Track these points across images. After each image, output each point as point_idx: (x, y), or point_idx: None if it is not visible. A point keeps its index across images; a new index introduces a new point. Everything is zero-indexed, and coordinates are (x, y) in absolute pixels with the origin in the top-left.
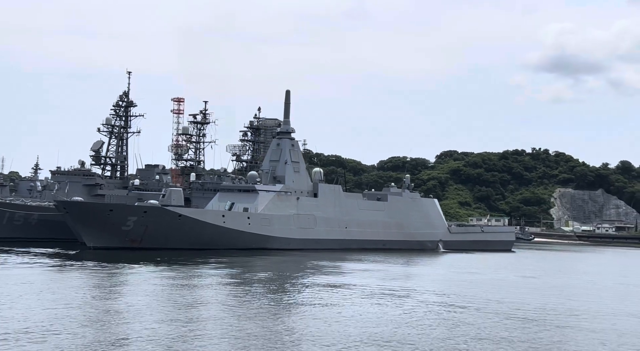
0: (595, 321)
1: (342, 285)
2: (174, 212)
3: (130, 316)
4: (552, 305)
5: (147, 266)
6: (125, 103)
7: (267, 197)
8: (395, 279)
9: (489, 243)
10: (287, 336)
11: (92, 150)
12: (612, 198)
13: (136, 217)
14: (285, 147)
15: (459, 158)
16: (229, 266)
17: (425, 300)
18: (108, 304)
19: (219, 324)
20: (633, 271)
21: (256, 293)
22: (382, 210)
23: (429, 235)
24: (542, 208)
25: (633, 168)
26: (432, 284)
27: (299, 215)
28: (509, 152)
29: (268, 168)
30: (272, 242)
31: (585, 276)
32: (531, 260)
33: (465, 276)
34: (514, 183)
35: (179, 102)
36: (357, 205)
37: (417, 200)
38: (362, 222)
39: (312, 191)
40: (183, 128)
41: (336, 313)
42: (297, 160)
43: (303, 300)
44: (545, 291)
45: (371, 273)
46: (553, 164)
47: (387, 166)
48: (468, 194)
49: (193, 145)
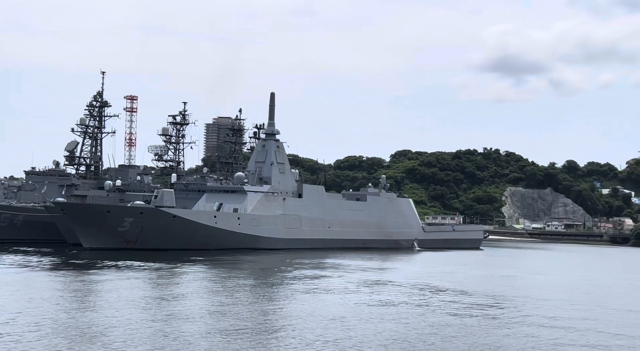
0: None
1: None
2: (169, 213)
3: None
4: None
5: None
6: (100, 103)
7: (255, 198)
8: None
9: (460, 242)
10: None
11: (67, 150)
12: (560, 197)
13: (132, 218)
14: (271, 148)
15: (414, 158)
16: (247, 268)
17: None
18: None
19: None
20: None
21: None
22: (361, 210)
23: (405, 234)
24: (494, 207)
25: (578, 168)
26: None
27: (285, 216)
28: (461, 152)
29: (254, 170)
30: (260, 241)
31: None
32: (510, 259)
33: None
34: (466, 182)
35: (132, 100)
36: (338, 205)
37: (393, 200)
38: (344, 222)
39: (297, 192)
40: (163, 129)
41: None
42: (282, 161)
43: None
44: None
45: (368, 274)
46: (504, 163)
47: (343, 165)
48: (423, 193)
49: (172, 146)
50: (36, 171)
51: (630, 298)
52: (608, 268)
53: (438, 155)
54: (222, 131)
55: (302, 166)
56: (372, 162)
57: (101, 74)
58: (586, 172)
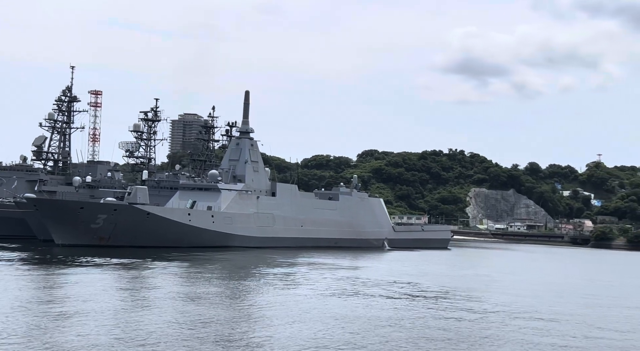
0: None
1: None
2: (143, 210)
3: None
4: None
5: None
6: (68, 98)
7: (229, 196)
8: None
9: (429, 241)
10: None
11: (34, 145)
12: (523, 198)
13: (106, 214)
14: (245, 146)
15: (380, 158)
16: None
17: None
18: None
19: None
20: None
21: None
22: (334, 209)
23: (376, 234)
24: (458, 207)
25: (540, 170)
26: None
27: (258, 214)
28: (427, 153)
29: (227, 167)
30: (234, 240)
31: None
32: (480, 259)
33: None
34: (432, 182)
35: (96, 95)
36: (311, 204)
37: (365, 199)
38: (316, 221)
39: (271, 190)
40: (134, 126)
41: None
42: (256, 159)
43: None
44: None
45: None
46: (468, 165)
47: (311, 164)
48: (389, 193)
49: (144, 143)
50: (3, 166)
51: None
52: (571, 269)
53: (404, 155)
54: (188, 128)
55: (269, 164)
56: (340, 161)
57: (70, 68)
58: (548, 174)
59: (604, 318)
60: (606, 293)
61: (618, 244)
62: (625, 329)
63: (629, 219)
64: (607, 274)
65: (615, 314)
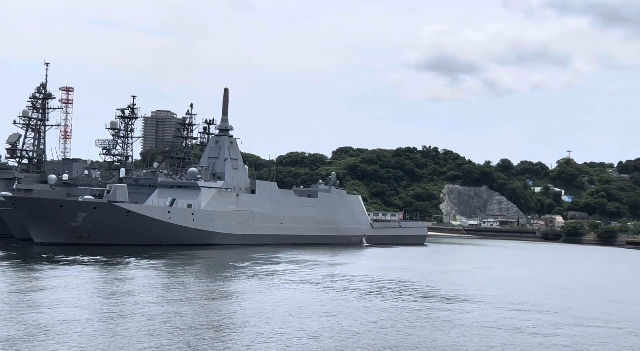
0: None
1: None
2: (123, 208)
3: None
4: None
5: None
6: (43, 95)
7: (209, 194)
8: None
9: (406, 238)
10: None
11: (8, 142)
12: (495, 194)
13: (86, 212)
14: (224, 144)
15: (355, 155)
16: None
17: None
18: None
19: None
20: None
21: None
22: (313, 207)
23: (354, 230)
24: (432, 203)
25: (512, 166)
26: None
27: (238, 211)
28: (401, 149)
29: (207, 165)
30: (214, 237)
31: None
32: (460, 253)
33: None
34: (406, 179)
35: (67, 92)
36: (290, 201)
37: (344, 196)
38: (296, 218)
39: (250, 188)
40: (111, 123)
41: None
42: (235, 157)
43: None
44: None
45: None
46: (442, 161)
47: (286, 161)
48: (364, 189)
49: (121, 140)
50: None
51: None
52: (545, 264)
53: (379, 152)
54: (161, 125)
55: (246, 162)
56: (315, 158)
57: (45, 65)
58: (519, 170)
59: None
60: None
61: (589, 239)
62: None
63: (598, 214)
64: (599, 269)
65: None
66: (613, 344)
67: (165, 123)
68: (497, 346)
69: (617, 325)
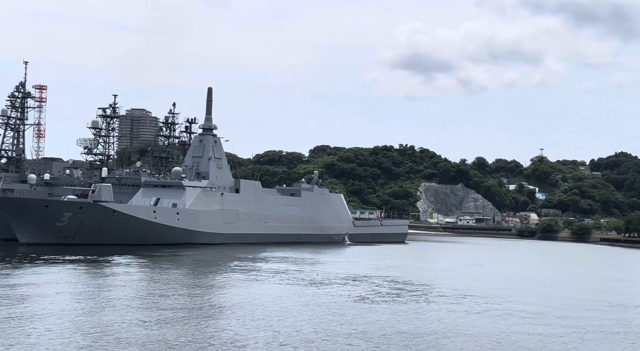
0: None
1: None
2: (108, 207)
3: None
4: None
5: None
6: (22, 94)
7: (194, 193)
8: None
9: (387, 236)
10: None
11: None
12: (471, 192)
13: (71, 212)
14: (209, 143)
15: (332, 153)
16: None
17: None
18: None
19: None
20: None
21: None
22: (296, 205)
23: (337, 229)
24: (409, 201)
25: (487, 164)
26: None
27: (223, 211)
28: (379, 148)
29: (191, 164)
30: (199, 236)
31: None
32: (445, 252)
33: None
34: (383, 177)
35: (41, 90)
36: (274, 200)
37: (326, 195)
38: (279, 217)
39: (234, 187)
40: (92, 122)
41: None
42: (219, 156)
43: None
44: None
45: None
46: (419, 160)
47: (263, 160)
48: (342, 188)
49: (102, 139)
50: None
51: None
52: (529, 260)
53: (356, 150)
54: (137, 123)
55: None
56: (292, 157)
57: (24, 63)
58: (494, 168)
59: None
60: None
61: (563, 236)
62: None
63: (571, 212)
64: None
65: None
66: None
67: (140, 121)
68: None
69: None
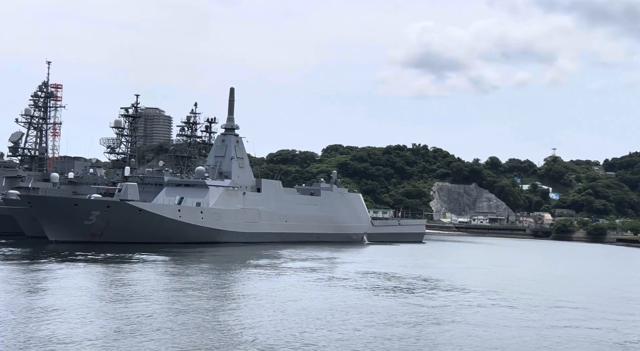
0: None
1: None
2: (135, 206)
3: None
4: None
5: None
6: (45, 94)
7: (217, 192)
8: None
9: (405, 236)
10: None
11: (11, 141)
12: (484, 192)
13: (99, 211)
14: (231, 143)
15: (345, 153)
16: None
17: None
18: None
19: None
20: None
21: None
22: (316, 205)
23: (356, 228)
24: (422, 201)
25: (500, 164)
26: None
27: (245, 210)
28: (391, 147)
29: (214, 164)
30: (222, 235)
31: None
32: (467, 251)
33: None
34: (396, 177)
35: (56, 89)
36: (294, 199)
37: (345, 195)
38: (300, 216)
39: (256, 186)
40: (115, 122)
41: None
42: (241, 156)
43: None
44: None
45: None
46: (432, 159)
47: (276, 159)
48: (355, 187)
49: (125, 139)
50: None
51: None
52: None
53: (369, 150)
54: (150, 122)
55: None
56: (305, 156)
57: (47, 63)
58: (507, 168)
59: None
60: None
61: (578, 236)
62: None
63: (585, 212)
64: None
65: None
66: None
67: (154, 120)
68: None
69: None
